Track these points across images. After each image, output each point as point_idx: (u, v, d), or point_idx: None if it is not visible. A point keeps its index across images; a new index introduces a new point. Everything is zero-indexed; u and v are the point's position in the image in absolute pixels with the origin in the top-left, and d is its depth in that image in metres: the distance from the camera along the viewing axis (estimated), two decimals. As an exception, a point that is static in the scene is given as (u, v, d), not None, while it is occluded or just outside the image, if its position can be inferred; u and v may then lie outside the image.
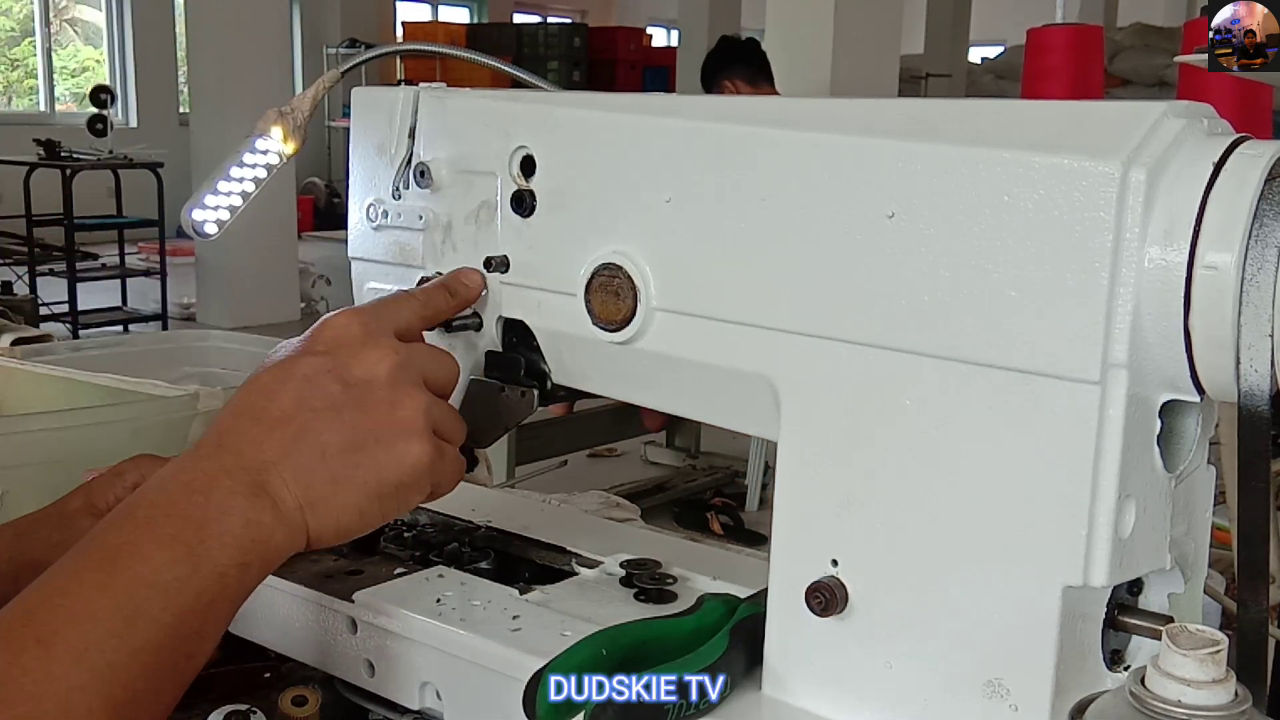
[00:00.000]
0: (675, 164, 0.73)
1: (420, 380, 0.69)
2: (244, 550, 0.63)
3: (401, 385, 0.68)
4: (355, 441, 0.66)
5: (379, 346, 0.68)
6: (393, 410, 0.67)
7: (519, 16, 15.20)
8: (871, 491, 0.66)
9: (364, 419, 0.66)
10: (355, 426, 0.66)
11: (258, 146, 0.93)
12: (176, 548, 0.61)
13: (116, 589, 0.59)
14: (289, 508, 0.65)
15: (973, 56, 12.37)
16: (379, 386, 0.67)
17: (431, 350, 0.73)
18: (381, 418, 0.67)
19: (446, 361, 0.73)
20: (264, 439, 0.65)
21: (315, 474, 0.65)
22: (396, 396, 0.67)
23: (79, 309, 6.51)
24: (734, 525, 4.06)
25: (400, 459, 0.67)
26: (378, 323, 0.70)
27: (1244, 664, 0.58)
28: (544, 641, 0.74)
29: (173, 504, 0.63)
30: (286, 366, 0.67)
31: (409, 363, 0.69)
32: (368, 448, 0.66)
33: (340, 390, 0.66)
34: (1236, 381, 0.57)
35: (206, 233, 0.95)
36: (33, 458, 1.11)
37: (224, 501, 0.63)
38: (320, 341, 0.68)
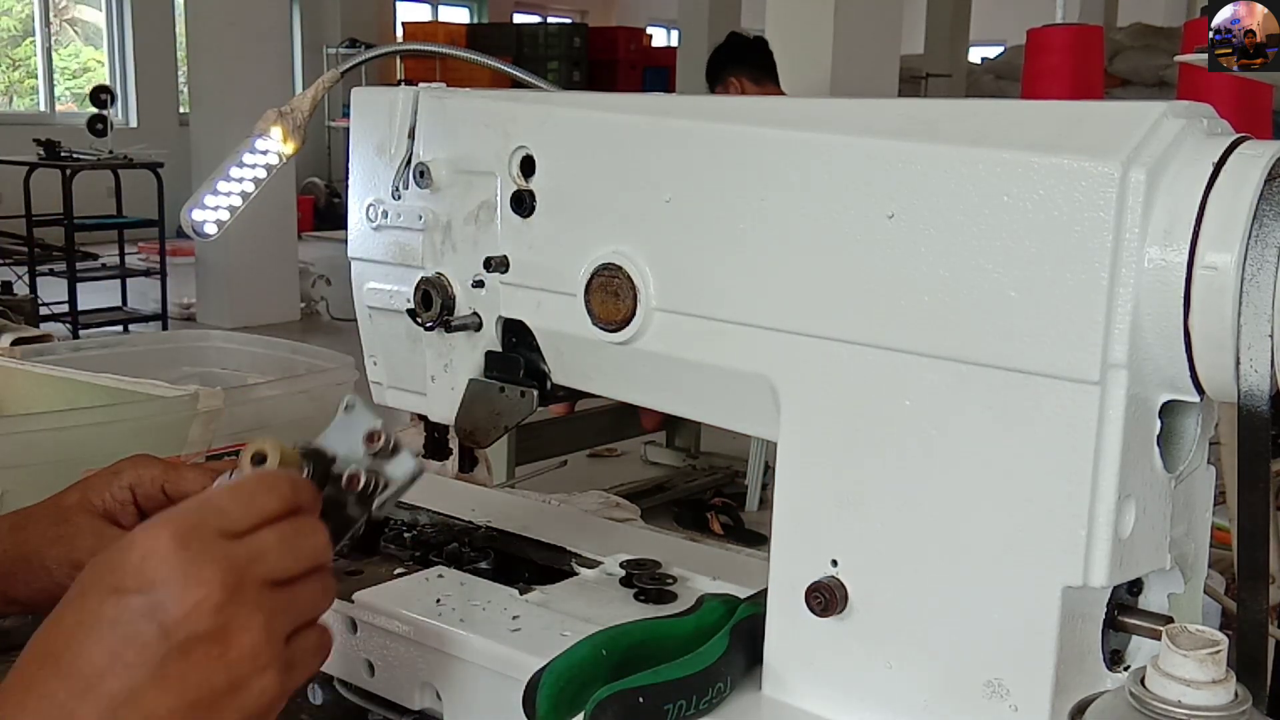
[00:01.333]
0: (675, 164, 0.73)
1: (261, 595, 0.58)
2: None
3: (235, 619, 0.56)
4: (187, 702, 0.55)
5: (200, 580, 0.55)
6: (224, 652, 0.56)
7: (519, 16, 15.20)
8: (871, 491, 0.66)
9: (192, 671, 0.55)
10: (184, 683, 0.55)
11: (257, 146, 0.93)
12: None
13: None
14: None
15: (973, 56, 12.37)
16: (205, 629, 0.55)
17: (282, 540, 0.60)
18: (212, 665, 0.56)
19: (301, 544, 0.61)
20: (75, 704, 0.54)
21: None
22: (228, 634, 0.56)
23: (79, 309, 6.51)
24: (734, 525, 4.06)
25: (245, 702, 0.57)
26: (199, 538, 0.57)
27: (1244, 664, 0.58)
28: (544, 641, 0.74)
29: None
30: (92, 607, 0.56)
31: (242, 583, 0.57)
32: (203, 703, 0.55)
33: (158, 640, 0.54)
34: (1236, 381, 0.57)
35: (206, 233, 0.95)
36: (33, 458, 1.11)
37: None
38: (131, 574, 0.56)
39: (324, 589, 0.63)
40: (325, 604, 0.63)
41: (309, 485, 0.65)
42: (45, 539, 0.82)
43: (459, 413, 0.86)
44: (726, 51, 4.38)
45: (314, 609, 0.62)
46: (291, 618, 0.60)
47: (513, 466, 3.47)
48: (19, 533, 0.83)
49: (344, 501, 0.70)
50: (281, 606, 0.59)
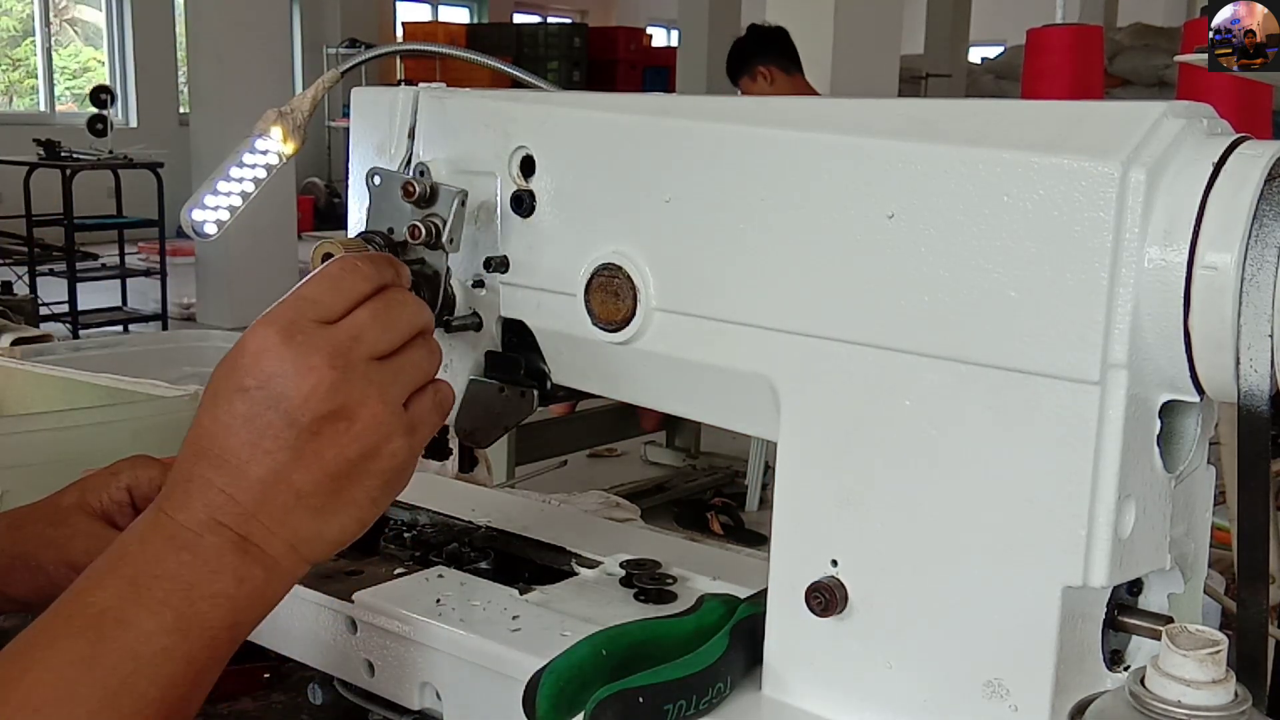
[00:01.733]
0: (675, 164, 0.73)
1: (370, 370, 0.63)
2: (236, 609, 0.60)
3: (350, 394, 0.61)
4: (328, 472, 0.61)
5: (312, 367, 0.61)
6: (351, 425, 0.62)
7: (519, 16, 15.20)
8: (871, 491, 0.66)
9: (327, 447, 0.61)
10: (321, 459, 0.61)
11: (257, 146, 0.93)
12: (165, 614, 0.58)
13: (101, 663, 0.56)
14: (280, 552, 0.62)
15: (973, 56, 12.38)
16: (327, 410, 0.61)
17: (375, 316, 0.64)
18: (342, 439, 0.61)
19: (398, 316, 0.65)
20: (232, 489, 0.61)
21: (297, 516, 0.61)
22: (349, 410, 0.61)
23: (79, 309, 6.52)
24: (734, 525, 4.06)
25: (381, 465, 0.63)
26: (302, 330, 0.62)
27: (1244, 664, 0.58)
28: (544, 641, 0.74)
29: (159, 562, 0.59)
30: (225, 406, 0.61)
31: (350, 362, 0.62)
32: (343, 473, 0.62)
33: (287, 427, 0.60)
34: (1236, 381, 0.57)
35: (206, 233, 0.95)
36: (33, 458, 1.11)
37: (212, 560, 0.59)
38: (249, 373, 0.61)
39: (428, 352, 0.67)
40: (432, 366, 0.67)
41: (386, 257, 0.69)
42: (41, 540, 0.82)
43: (459, 413, 0.86)
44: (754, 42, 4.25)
45: (422, 373, 0.66)
46: (403, 385, 0.65)
47: (513, 466, 3.47)
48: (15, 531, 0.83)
49: (420, 258, 0.77)
50: (391, 377, 0.64)
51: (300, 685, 0.92)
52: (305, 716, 0.91)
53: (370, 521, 0.65)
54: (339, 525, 0.63)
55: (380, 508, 0.65)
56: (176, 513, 0.61)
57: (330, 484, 0.62)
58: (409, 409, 0.65)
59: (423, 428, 0.66)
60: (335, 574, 0.88)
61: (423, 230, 0.76)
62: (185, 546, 0.59)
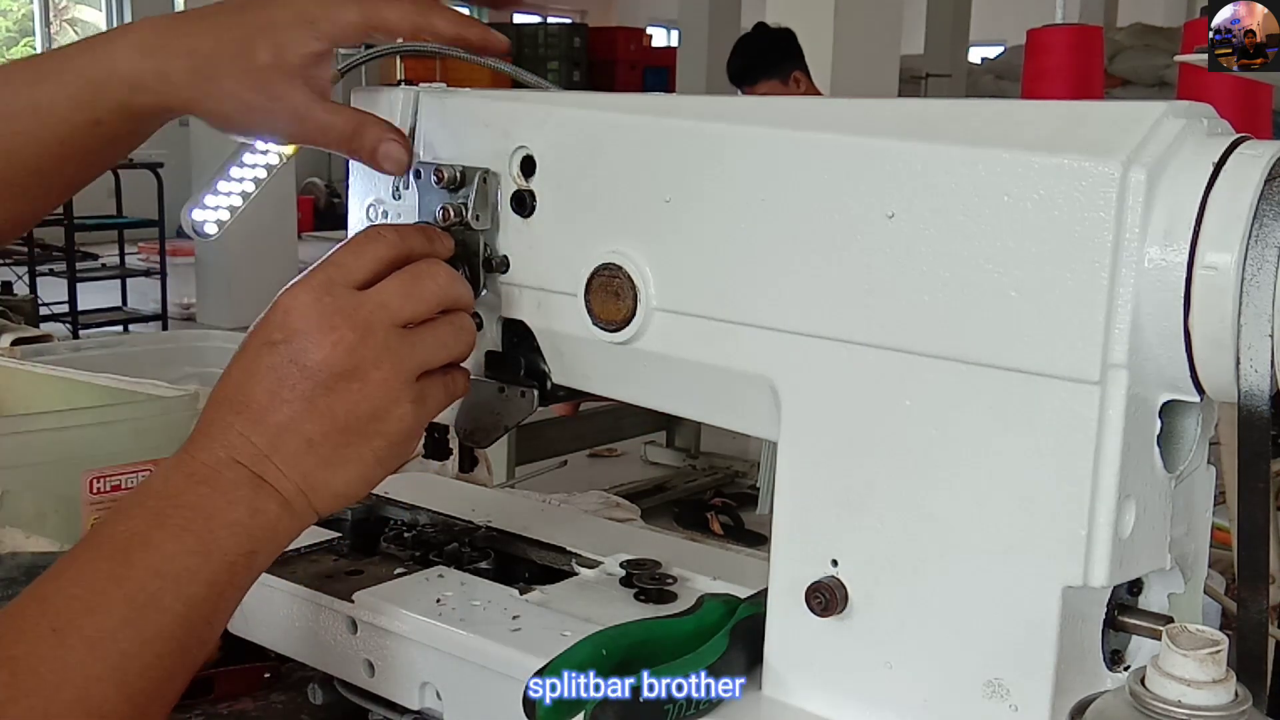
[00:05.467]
0: (675, 164, 0.73)
1: (390, 338, 0.67)
2: (252, 538, 0.64)
3: (365, 356, 0.66)
4: (337, 426, 0.66)
5: (334, 327, 0.66)
6: (363, 386, 0.66)
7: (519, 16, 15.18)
8: (871, 491, 0.66)
9: (338, 403, 0.66)
10: (332, 412, 0.66)
11: (257, 147, 0.93)
12: (186, 538, 0.62)
13: (129, 580, 0.60)
14: (291, 493, 0.66)
15: (973, 56, 12.37)
16: (342, 368, 0.66)
17: (401, 286, 0.69)
18: (353, 396, 0.66)
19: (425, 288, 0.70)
20: (250, 432, 0.65)
21: (307, 462, 0.66)
22: (362, 371, 0.66)
23: (79, 309, 6.51)
24: (734, 525, 4.06)
25: (385, 428, 0.67)
26: (330, 293, 0.67)
27: (1244, 664, 0.58)
28: (544, 641, 0.74)
29: (180, 495, 0.64)
30: (252, 357, 0.67)
31: (370, 327, 0.67)
32: (351, 428, 0.66)
33: (305, 379, 0.66)
34: (1236, 381, 0.57)
35: (207, 233, 0.95)
36: (33, 458, 1.11)
37: (229, 492, 0.64)
38: (277, 328, 0.67)
39: (455, 329, 0.72)
40: (459, 343, 0.72)
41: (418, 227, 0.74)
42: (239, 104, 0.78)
43: (459, 413, 0.86)
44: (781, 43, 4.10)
45: (444, 348, 0.71)
46: (420, 357, 0.69)
47: (513, 466, 3.48)
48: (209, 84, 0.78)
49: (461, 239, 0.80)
50: (409, 348, 0.68)
51: (300, 685, 0.92)
52: (305, 716, 0.91)
53: (374, 481, 0.69)
54: (344, 478, 0.67)
55: (384, 468, 0.69)
56: (198, 453, 0.65)
57: (338, 437, 0.66)
58: (421, 382, 0.69)
59: (430, 402, 0.70)
60: (335, 574, 0.88)
61: (452, 211, 0.79)
62: (205, 480, 0.64)
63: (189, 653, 0.62)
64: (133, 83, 0.78)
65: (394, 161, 0.80)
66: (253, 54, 0.77)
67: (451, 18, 0.81)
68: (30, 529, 1.11)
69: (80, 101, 0.79)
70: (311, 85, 0.79)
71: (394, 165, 0.80)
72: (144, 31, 0.79)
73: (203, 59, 0.77)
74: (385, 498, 1.03)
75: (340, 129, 0.80)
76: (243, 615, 0.91)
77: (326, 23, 0.78)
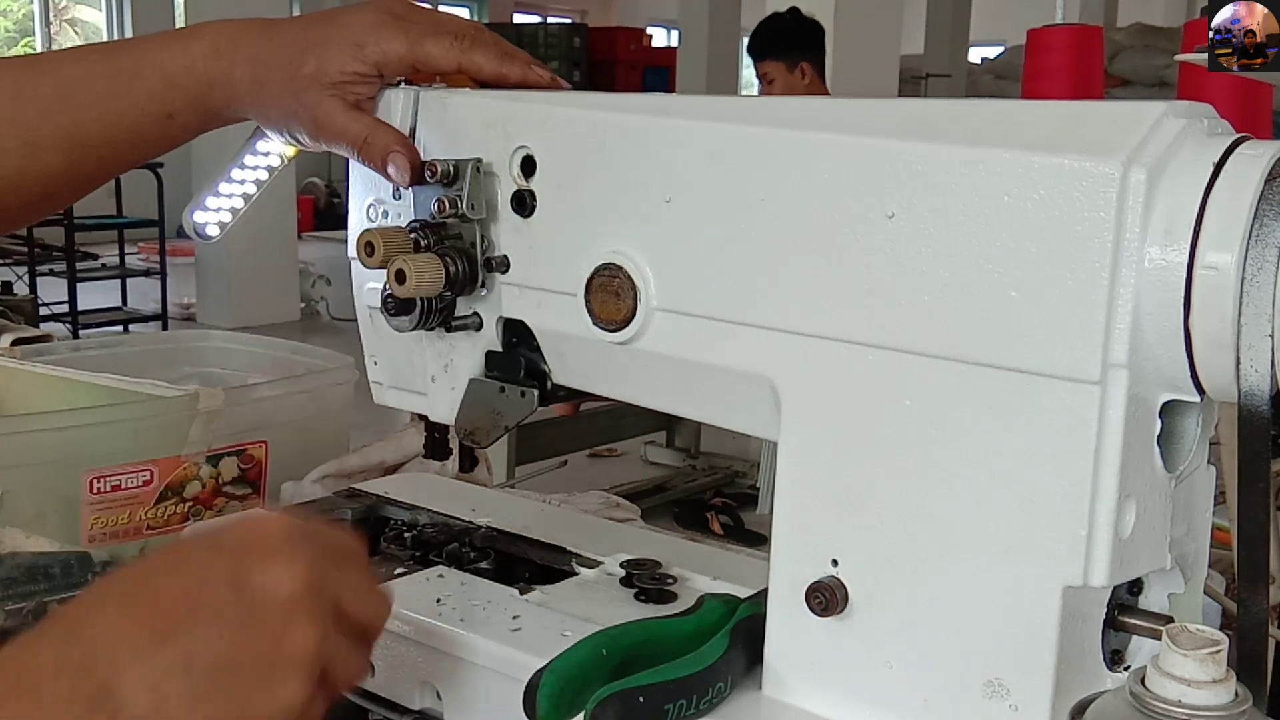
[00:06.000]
0: (675, 164, 0.73)
1: (328, 611, 0.58)
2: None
3: (300, 611, 0.57)
4: (228, 661, 0.55)
5: (292, 562, 0.57)
6: (279, 638, 0.56)
7: (519, 16, 15.20)
8: (871, 491, 0.66)
9: (245, 638, 0.56)
10: (233, 644, 0.55)
11: (258, 148, 0.93)
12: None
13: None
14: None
15: (973, 56, 12.37)
16: (274, 605, 0.56)
17: (360, 583, 0.62)
18: (264, 643, 0.56)
19: (373, 602, 0.62)
20: (127, 631, 0.55)
21: (172, 686, 0.54)
22: (290, 622, 0.57)
23: (79, 309, 6.51)
24: (734, 525, 4.06)
25: (270, 697, 0.56)
26: (304, 538, 0.59)
27: (1244, 664, 0.58)
28: (544, 641, 0.74)
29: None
30: (184, 555, 0.59)
31: (321, 588, 0.58)
32: (240, 672, 0.55)
33: (231, 598, 0.56)
34: (1236, 381, 0.57)
35: (208, 235, 0.95)
36: (33, 458, 1.11)
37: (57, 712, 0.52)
38: (231, 537, 0.59)
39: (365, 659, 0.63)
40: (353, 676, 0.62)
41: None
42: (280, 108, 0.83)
43: (459, 413, 0.86)
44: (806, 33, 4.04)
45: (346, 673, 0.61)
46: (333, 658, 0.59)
47: (513, 466, 3.48)
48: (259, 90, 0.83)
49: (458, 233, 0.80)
50: (334, 640, 0.59)
51: None
52: (305, 716, 0.91)
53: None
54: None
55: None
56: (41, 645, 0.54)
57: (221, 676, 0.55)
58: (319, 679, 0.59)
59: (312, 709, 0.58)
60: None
61: (447, 204, 0.79)
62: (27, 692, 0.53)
63: None
64: (208, 81, 0.83)
65: (400, 172, 0.81)
66: (301, 65, 0.82)
67: (493, 54, 0.83)
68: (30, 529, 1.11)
69: (156, 95, 0.83)
70: (344, 98, 0.83)
71: (400, 176, 0.82)
72: (218, 35, 0.84)
73: (260, 65, 0.82)
74: (385, 498, 1.03)
75: (353, 136, 0.83)
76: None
77: (374, 49, 0.82)
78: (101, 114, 0.84)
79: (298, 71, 0.82)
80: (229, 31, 0.84)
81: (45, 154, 0.84)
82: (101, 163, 0.86)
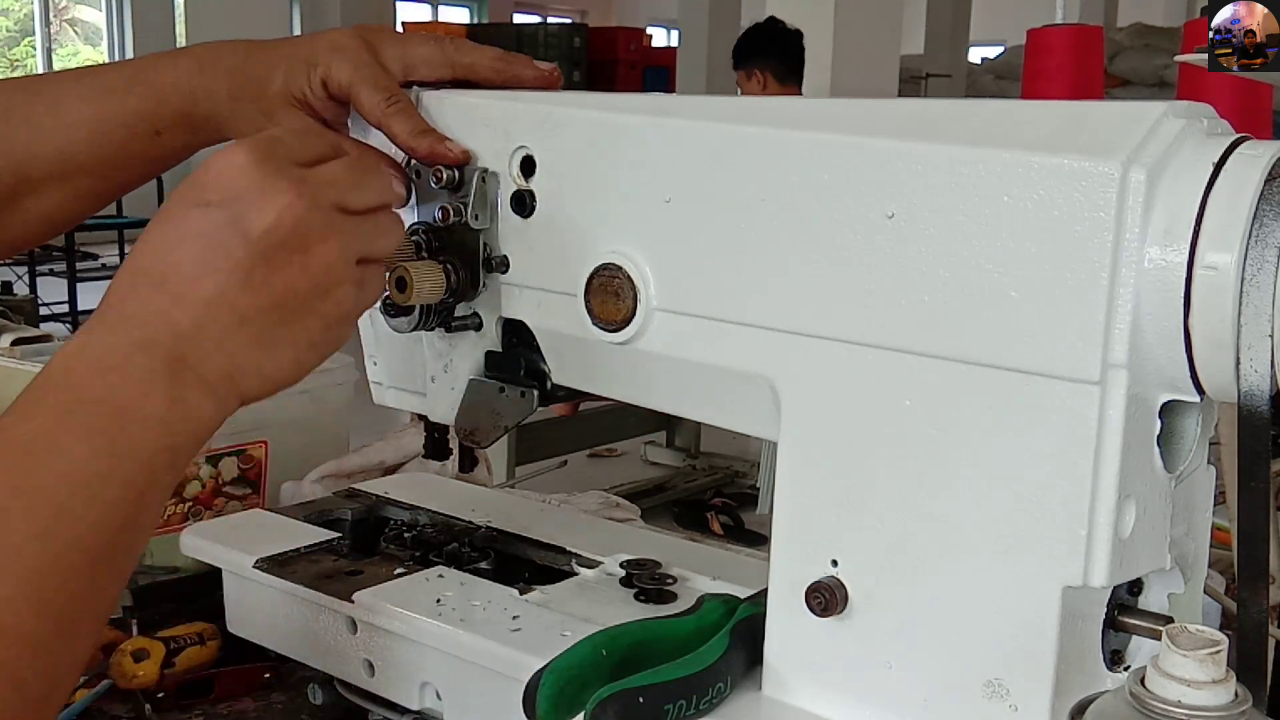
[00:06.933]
0: (675, 164, 0.73)
1: (333, 217, 0.62)
2: (170, 432, 0.58)
3: (312, 231, 0.61)
4: (273, 302, 0.60)
5: (278, 190, 0.60)
6: (306, 262, 0.61)
7: (519, 16, 15.20)
8: (871, 491, 0.66)
9: (277, 277, 0.60)
10: (269, 286, 0.60)
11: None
12: (96, 439, 0.56)
13: (33, 489, 0.54)
14: (214, 379, 0.59)
15: (973, 56, 12.37)
16: (286, 237, 0.60)
17: (348, 170, 0.64)
18: (296, 272, 0.60)
19: (371, 180, 0.66)
20: (171, 309, 0.58)
21: (236, 341, 0.59)
22: (308, 244, 0.61)
23: (79, 309, 6.51)
24: (734, 525, 4.06)
25: (326, 310, 0.62)
26: (275, 158, 0.61)
27: (1244, 664, 0.58)
28: (544, 641, 0.74)
29: (86, 387, 0.57)
30: (179, 222, 0.60)
31: (317, 200, 0.61)
32: (288, 306, 0.61)
33: (244, 248, 0.59)
34: (1236, 381, 0.57)
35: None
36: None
37: (143, 382, 0.57)
38: (211, 189, 0.60)
39: (391, 223, 0.67)
40: (390, 244, 0.67)
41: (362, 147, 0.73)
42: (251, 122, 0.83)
43: (459, 413, 0.86)
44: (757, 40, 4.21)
45: (380, 242, 0.66)
46: (362, 243, 0.64)
47: (513, 466, 3.48)
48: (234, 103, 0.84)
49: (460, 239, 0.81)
50: (352, 231, 0.63)
51: (300, 685, 0.92)
52: (305, 716, 0.91)
53: (306, 367, 0.63)
54: (276, 361, 0.61)
55: (318, 354, 0.63)
56: (107, 335, 0.58)
57: (274, 314, 0.60)
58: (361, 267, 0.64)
59: (368, 290, 0.66)
60: (335, 574, 0.88)
61: (451, 211, 0.79)
62: (114, 369, 0.57)
63: (112, 562, 0.57)
64: (192, 94, 0.83)
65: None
66: (269, 82, 0.82)
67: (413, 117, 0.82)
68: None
69: (144, 113, 0.83)
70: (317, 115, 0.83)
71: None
72: (203, 51, 0.85)
73: (238, 79, 0.83)
74: (385, 498, 1.03)
75: None
76: (243, 615, 0.92)
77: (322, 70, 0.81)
78: (91, 133, 0.83)
79: (265, 89, 0.82)
80: (214, 48, 0.85)
81: (37, 174, 0.84)
82: (92, 186, 0.86)
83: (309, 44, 0.83)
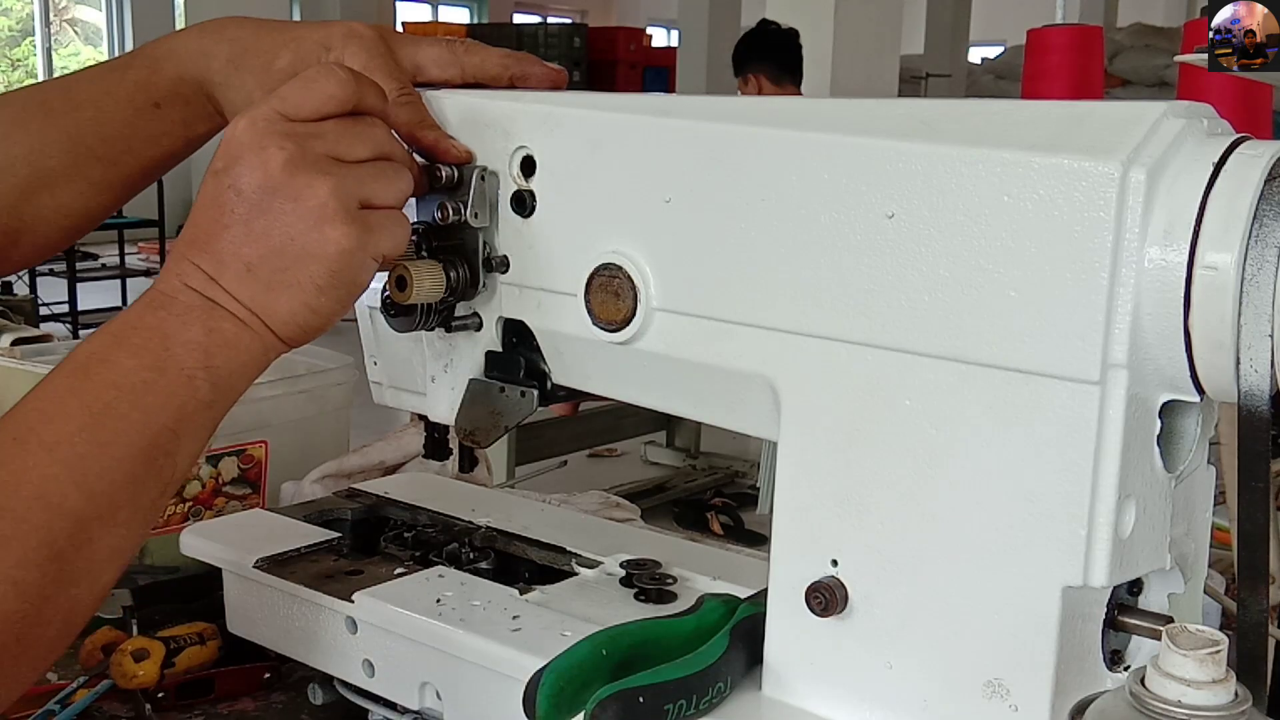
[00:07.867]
0: (675, 164, 0.73)
1: (323, 162, 0.68)
2: (208, 354, 0.66)
3: (298, 175, 0.67)
4: (272, 248, 0.67)
5: (265, 147, 0.67)
6: (296, 205, 0.66)
7: (519, 16, 15.20)
8: (871, 491, 0.66)
9: (272, 224, 0.66)
10: (267, 234, 0.66)
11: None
12: (143, 355, 0.65)
13: (86, 391, 0.64)
14: (243, 315, 0.67)
15: (973, 56, 12.37)
16: (275, 186, 0.66)
17: (342, 126, 0.70)
18: (287, 217, 0.66)
19: (365, 131, 0.71)
20: (199, 259, 0.67)
21: (250, 286, 0.67)
22: (295, 189, 0.66)
23: (79, 309, 6.52)
24: (734, 525, 4.06)
25: (321, 249, 0.67)
26: (267, 120, 0.68)
27: (1244, 664, 0.58)
28: (544, 641, 0.74)
29: (139, 318, 0.67)
30: (203, 192, 0.69)
31: (304, 150, 0.67)
32: (286, 250, 0.67)
33: (240, 202, 0.67)
34: (1236, 381, 0.57)
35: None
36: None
37: (184, 314, 0.66)
38: (220, 158, 0.68)
39: (393, 172, 0.71)
40: (394, 189, 0.71)
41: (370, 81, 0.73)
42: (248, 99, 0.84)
43: (459, 413, 0.86)
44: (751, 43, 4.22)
45: (383, 189, 0.70)
46: (358, 186, 0.68)
47: (513, 466, 3.48)
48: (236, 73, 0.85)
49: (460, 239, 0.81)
50: (344, 174, 0.68)
51: (300, 685, 0.92)
52: (305, 716, 0.91)
53: (322, 311, 0.69)
54: (287, 304, 0.68)
55: (329, 298, 0.68)
56: (159, 284, 0.68)
57: (276, 260, 0.67)
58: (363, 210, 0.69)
59: (378, 233, 0.69)
60: (335, 574, 0.88)
61: (451, 210, 0.79)
62: (162, 306, 0.67)
63: (151, 462, 0.64)
64: (188, 55, 0.85)
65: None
66: (275, 59, 0.83)
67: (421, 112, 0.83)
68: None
69: (143, 83, 0.86)
70: None
71: None
72: (208, 21, 0.87)
73: (239, 48, 0.84)
74: (385, 498, 1.03)
75: None
76: (243, 615, 0.92)
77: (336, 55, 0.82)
78: (96, 111, 0.85)
79: (270, 64, 0.83)
80: (222, 19, 0.87)
81: (50, 164, 0.85)
82: (103, 174, 0.87)
83: (325, 29, 0.84)
